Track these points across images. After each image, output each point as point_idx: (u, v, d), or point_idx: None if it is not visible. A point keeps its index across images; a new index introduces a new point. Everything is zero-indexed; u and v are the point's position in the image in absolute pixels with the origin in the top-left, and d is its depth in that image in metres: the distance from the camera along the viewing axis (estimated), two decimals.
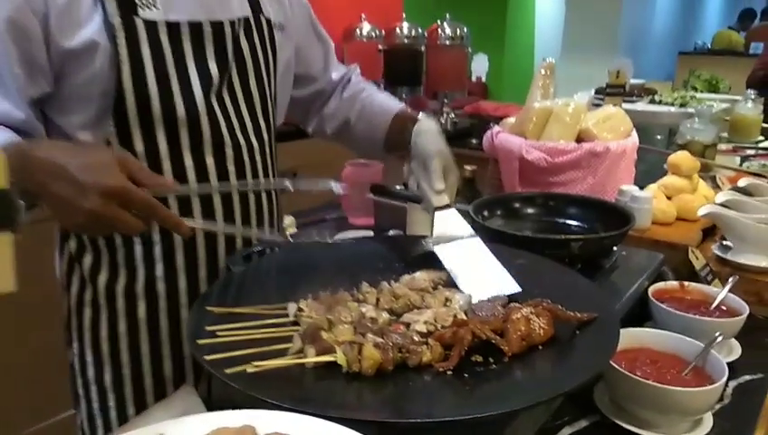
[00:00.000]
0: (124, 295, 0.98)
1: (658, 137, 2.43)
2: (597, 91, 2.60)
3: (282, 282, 0.94)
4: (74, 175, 0.72)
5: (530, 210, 1.32)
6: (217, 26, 0.95)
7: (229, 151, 0.98)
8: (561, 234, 1.21)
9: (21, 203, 0.55)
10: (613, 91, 1.97)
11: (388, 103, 1.21)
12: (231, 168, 0.99)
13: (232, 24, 0.97)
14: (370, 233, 1.65)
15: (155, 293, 0.98)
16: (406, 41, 3.36)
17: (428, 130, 1.09)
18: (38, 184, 0.73)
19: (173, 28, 0.91)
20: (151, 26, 0.89)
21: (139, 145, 0.90)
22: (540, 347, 0.76)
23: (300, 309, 0.81)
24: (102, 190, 0.71)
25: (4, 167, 0.51)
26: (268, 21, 1.05)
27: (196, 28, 0.93)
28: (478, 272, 0.93)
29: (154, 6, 0.89)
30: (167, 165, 0.93)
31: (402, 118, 1.16)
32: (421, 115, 1.14)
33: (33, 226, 0.72)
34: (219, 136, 0.96)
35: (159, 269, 0.97)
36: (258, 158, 1.03)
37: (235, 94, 1.00)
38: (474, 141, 2.93)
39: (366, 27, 3.40)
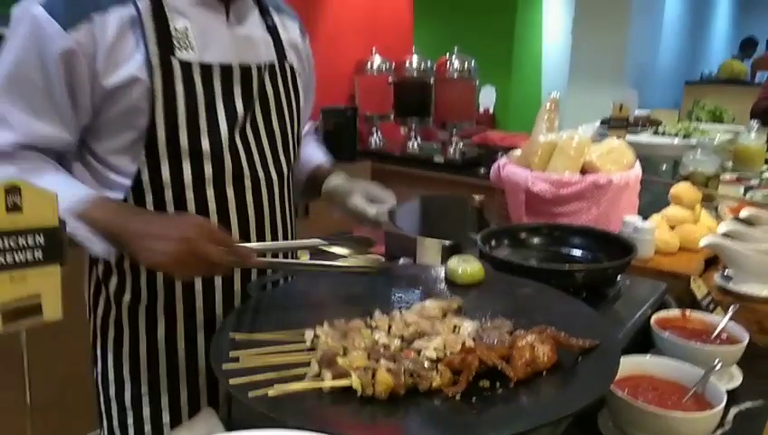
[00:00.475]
0: (145, 315, 1.04)
1: (664, 167, 2.48)
2: (603, 122, 2.66)
3: (298, 309, 0.99)
4: (168, 217, 0.93)
5: (536, 240, 1.36)
6: (246, 69, 1.04)
7: (248, 183, 1.05)
8: (565, 263, 1.25)
9: (68, 238, 0.60)
10: (616, 124, 2.02)
11: (312, 156, 1.28)
12: (249, 198, 1.05)
13: (259, 67, 1.06)
14: (381, 259, 1.70)
15: (174, 314, 1.04)
16: (415, 74, 3.44)
17: (338, 184, 1.16)
18: (134, 227, 0.87)
19: (206, 69, 0.99)
20: (186, 66, 0.97)
21: (165, 174, 0.97)
22: (544, 373, 0.79)
23: (316, 335, 0.85)
24: (193, 222, 0.88)
25: (54, 207, 0.57)
26: (291, 67, 1.13)
27: (226, 70, 1.01)
28: None
29: (190, 48, 0.97)
30: (190, 194, 0.99)
31: (319, 171, 1.24)
32: (330, 168, 1.24)
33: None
34: (239, 169, 1.03)
35: (178, 291, 1.03)
36: (276, 189, 1.10)
37: (258, 131, 1.07)
38: (482, 170, 2.99)
39: (377, 61, 3.50)
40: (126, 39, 0.93)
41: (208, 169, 1.00)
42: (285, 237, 1.15)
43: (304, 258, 1.77)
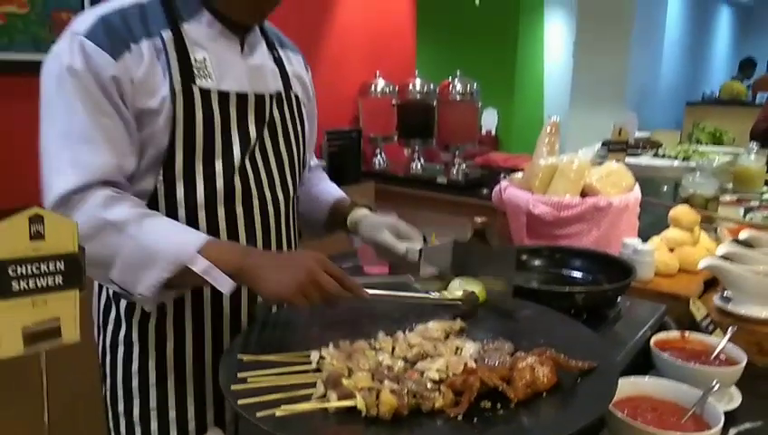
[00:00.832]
0: (155, 332, 1.07)
1: (665, 188, 2.51)
2: (604, 143, 2.69)
3: (304, 330, 1.01)
4: (284, 252, 1.08)
5: (537, 262, 1.39)
6: (259, 97, 1.10)
7: (256, 202, 1.09)
8: (566, 285, 1.27)
9: (84, 265, 0.63)
10: (616, 148, 2.05)
11: (330, 191, 1.33)
12: (257, 217, 1.10)
13: (270, 96, 1.12)
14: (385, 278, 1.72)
15: (183, 331, 1.07)
16: (418, 96, 3.49)
17: (364, 216, 1.22)
18: (256, 260, 0.94)
19: (223, 96, 1.05)
20: (206, 94, 1.03)
21: (180, 193, 1.02)
22: (544, 394, 0.81)
23: (322, 357, 0.87)
24: (312, 255, 0.93)
25: (74, 235, 0.60)
26: (296, 97, 1.20)
27: (242, 98, 1.07)
28: None
29: (209, 77, 1.04)
30: (202, 212, 1.04)
31: (341, 204, 1.29)
32: (352, 202, 1.29)
33: None
34: (248, 189, 1.08)
35: (188, 309, 1.07)
36: (282, 209, 1.15)
37: (267, 154, 1.12)
38: (485, 191, 3.02)
39: (380, 83, 3.55)
40: (155, 68, 0.99)
41: (220, 189, 1.04)
42: None
43: None
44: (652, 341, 1.12)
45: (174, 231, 0.95)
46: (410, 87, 3.52)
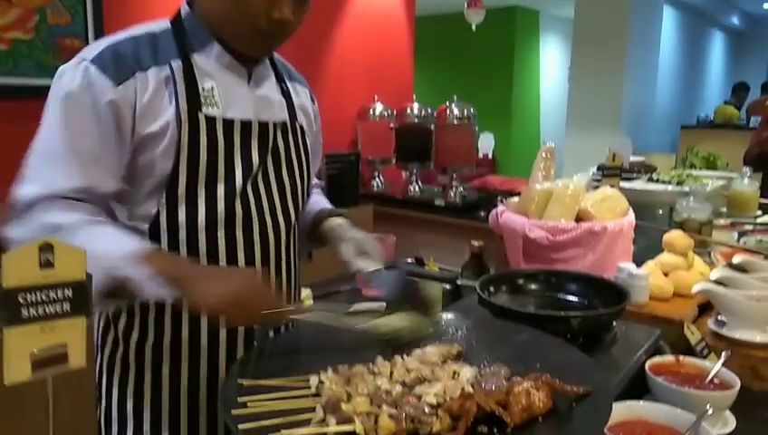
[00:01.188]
0: (152, 353, 1.09)
1: (660, 212, 2.53)
2: (599, 167, 2.72)
3: (303, 355, 1.02)
4: (222, 268, 1.06)
5: (533, 286, 1.40)
6: (263, 125, 1.13)
7: (256, 227, 1.12)
8: (561, 310, 1.29)
9: (92, 292, 0.65)
10: (610, 173, 2.08)
11: (316, 203, 1.35)
12: (257, 242, 1.12)
13: (274, 124, 1.15)
14: (383, 305, 1.73)
15: (179, 353, 1.08)
16: (416, 120, 3.55)
17: (337, 225, 1.24)
18: (193, 271, 0.96)
19: (227, 123, 1.08)
20: (211, 121, 1.06)
21: (182, 216, 1.04)
22: (540, 418, 0.82)
23: (321, 381, 0.89)
24: (248, 272, 0.98)
25: (82, 263, 0.62)
26: (301, 127, 1.23)
27: (246, 125, 1.11)
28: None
29: (216, 105, 1.08)
30: (202, 236, 1.06)
31: (320, 214, 1.30)
32: (332, 211, 1.30)
33: None
34: (249, 214, 1.10)
35: (185, 331, 1.08)
36: (283, 235, 1.17)
37: (269, 181, 1.15)
38: (482, 214, 3.05)
39: (379, 107, 3.61)
40: (161, 95, 1.03)
41: (221, 213, 1.07)
42: (289, 279, 1.20)
43: (308, 302, 1.80)
44: (647, 365, 1.14)
45: (114, 238, 0.96)
46: (408, 111, 3.57)
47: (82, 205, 0.99)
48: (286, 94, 1.21)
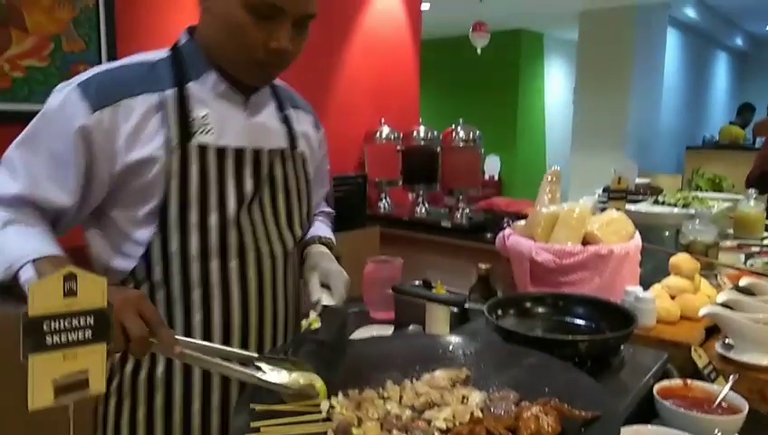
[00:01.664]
0: (146, 383, 1.09)
1: (666, 234, 2.54)
2: (605, 189, 2.74)
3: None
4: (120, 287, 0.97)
5: (540, 310, 1.41)
6: (257, 152, 1.13)
7: (251, 255, 1.12)
8: (569, 333, 1.30)
9: (113, 319, 0.67)
10: (615, 196, 2.10)
11: (316, 230, 1.33)
12: (251, 272, 1.12)
13: (270, 152, 1.15)
14: (391, 327, 1.74)
15: (171, 384, 1.09)
16: (422, 142, 3.58)
17: (316, 253, 1.21)
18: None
19: (220, 151, 1.09)
20: (203, 149, 1.07)
21: (174, 245, 1.05)
22: None
23: (332, 406, 0.90)
24: (125, 292, 0.85)
25: (103, 291, 0.64)
26: (302, 154, 1.23)
27: (239, 153, 1.11)
28: None
29: (209, 133, 1.08)
30: (195, 265, 1.06)
31: (310, 241, 1.27)
32: (317, 238, 1.28)
33: None
34: (243, 244, 1.10)
35: (178, 361, 1.08)
36: (280, 264, 1.17)
37: (264, 209, 1.15)
38: (488, 235, 3.06)
39: (385, 130, 3.65)
40: (149, 121, 1.03)
41: (214, 242, 1.07)
42: (286, 307, 1.20)
43: (315, 325, 1.80)
44: (655, 389, 1.14)
45: (24, 238, 0.95)
46: (414, 133, 3.61)
47: (18, 209, 0.99)
48: (286, 121, 1.21)
